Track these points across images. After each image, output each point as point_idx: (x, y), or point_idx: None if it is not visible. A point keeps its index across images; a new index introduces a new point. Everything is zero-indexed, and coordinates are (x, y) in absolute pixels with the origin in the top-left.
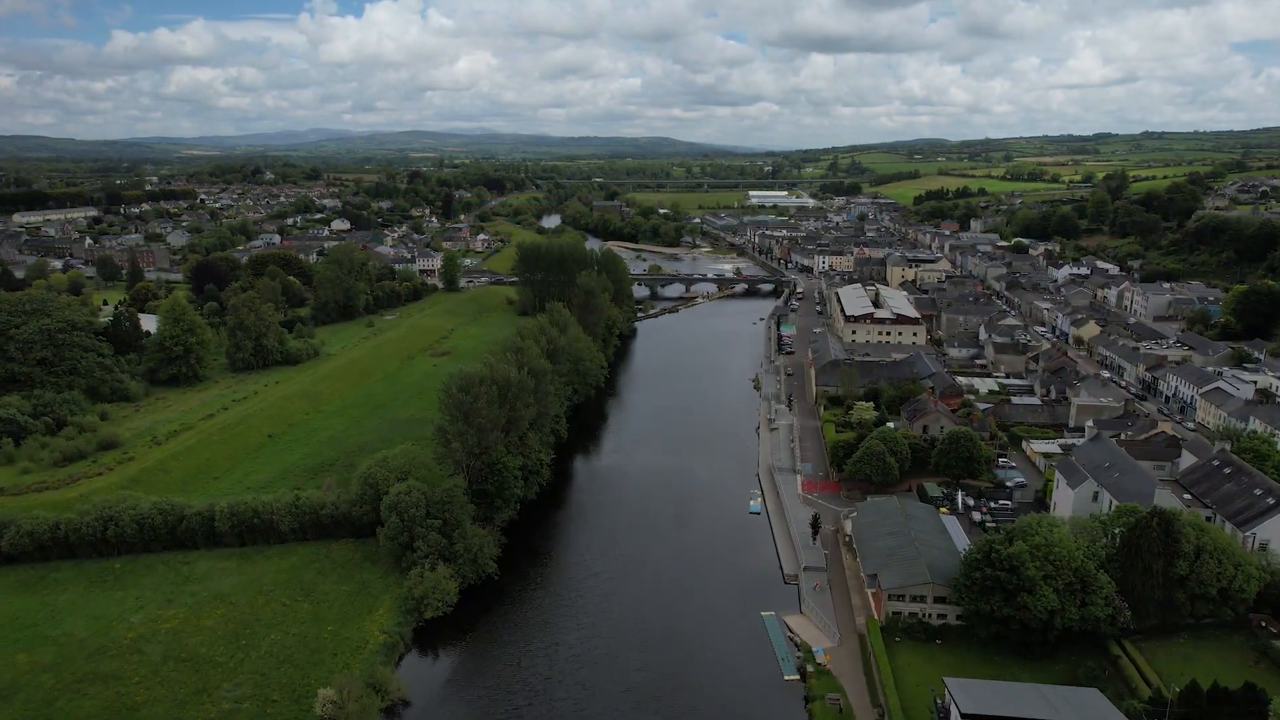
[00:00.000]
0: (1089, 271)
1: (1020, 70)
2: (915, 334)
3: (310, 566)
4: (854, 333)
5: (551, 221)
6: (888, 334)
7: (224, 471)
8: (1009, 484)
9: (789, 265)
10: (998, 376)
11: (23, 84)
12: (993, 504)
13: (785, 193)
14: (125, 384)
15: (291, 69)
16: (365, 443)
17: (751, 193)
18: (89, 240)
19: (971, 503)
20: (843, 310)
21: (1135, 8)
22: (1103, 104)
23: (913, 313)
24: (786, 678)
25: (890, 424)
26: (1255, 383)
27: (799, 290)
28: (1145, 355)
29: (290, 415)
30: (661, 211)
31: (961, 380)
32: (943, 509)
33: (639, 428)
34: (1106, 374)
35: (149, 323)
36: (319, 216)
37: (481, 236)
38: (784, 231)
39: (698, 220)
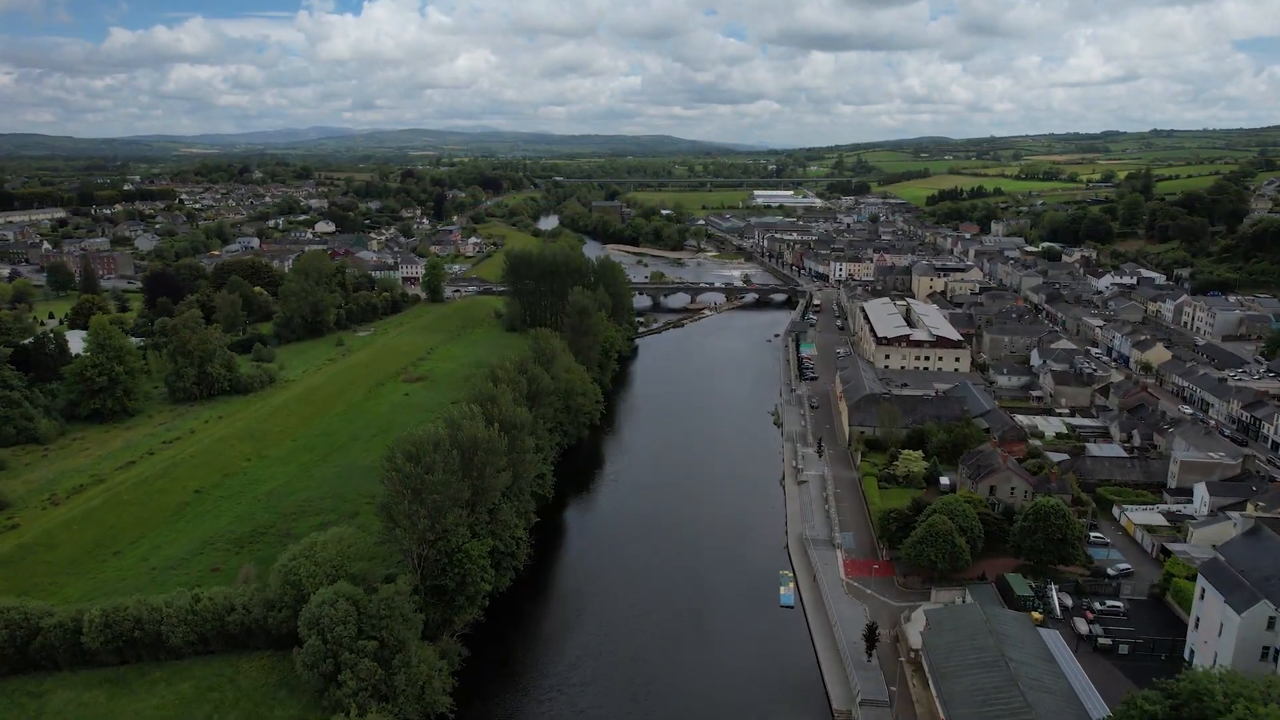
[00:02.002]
0: (1135, 281)
1: (1021, 68)
2: (958, 359)
3: (206, 698)
4: (887, 357)
5: (549, 223)
6: (926, 359)
7: (128, 544)
8: (1111, 572)
9: (802, 272)
10: (1062, 415)
11: (21, 82)
12: (1098, 605)
13: (791, 192)
14: (35, 422)
15: (291, 66)
16: (309, 500)
17: (756, 192)
18: (46, 245)
19: (1069, 602)
20: (873, 331)
21: (1136, 5)
22: (1105, 102)
23: (954, 334)
24: None
25: (944, 479)
26: None
27: (816, 301)
28: (1240, 390)
29: (226, 462)
30: (664, 212)
31: (1020, 419)
32: (1035, 614)
33: (640, 477)
34: (1187, 410)
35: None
36: (303, 218)
37: (473, 240)
38: (795, 235)
39: (702, 222)
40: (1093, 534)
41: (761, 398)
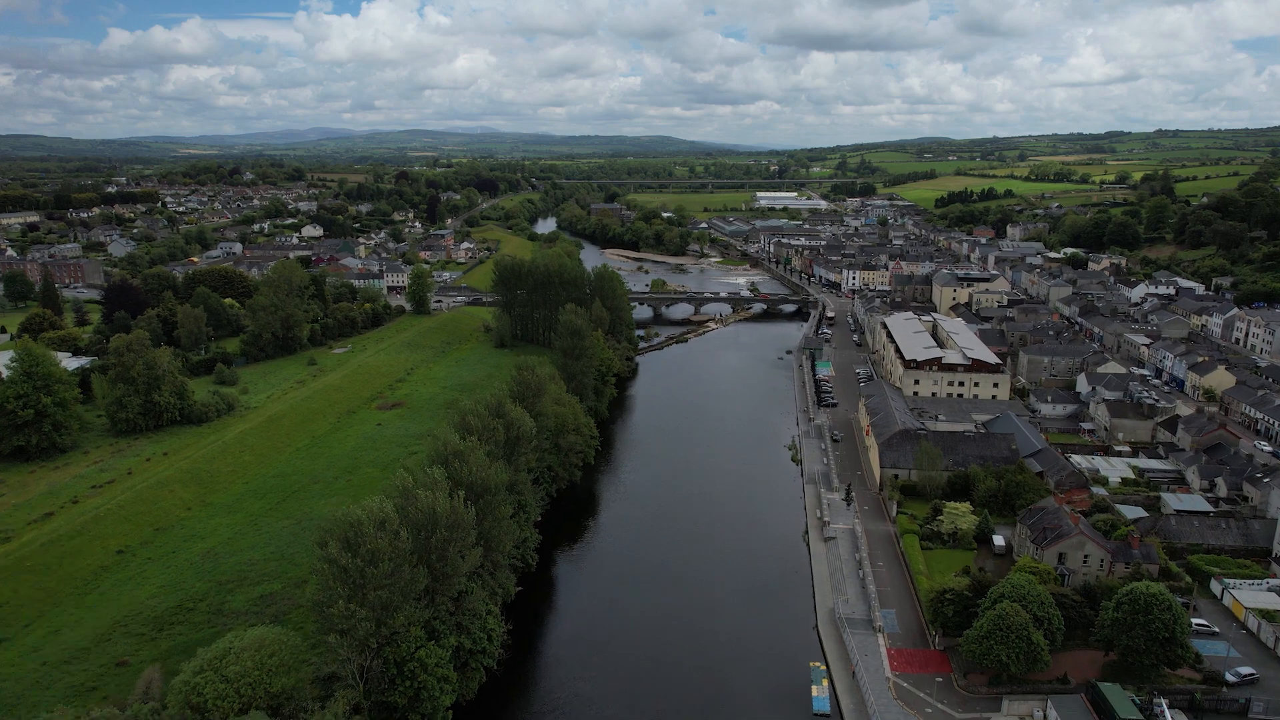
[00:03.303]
0: (1173, 292)
1: (1022, 68)
2: (996, 385)
3: None
4: (916, 383)
5: (547, 225)
6: (960, 384)
7: (22, 627)
8: (1230, 677)
9: (811, 280)
10: (1123, 453)
11: (20, 83)
12: None
13: (795, 194)
14: None
15: (289, 67)
16: (251, 564)
17: (759, 194)
18: (11, 251)
19: None
20: (899, 352)
21: (1137, 5)
22: (1105, 102)
23: (990, 356)
24: None
25: (997, 538)
26: None
27: (829, 313)
28: None
29: (162, 512)
30: (665, 215)
31: (1076, 460)
32: None
33: (642, 530)
34: (1265, 446)
35: None
36: (290, 222)
37: (466, 245)
38: (803, 240)
39: (705, 226)
40: (1195, 621)
41: (776, 427)
